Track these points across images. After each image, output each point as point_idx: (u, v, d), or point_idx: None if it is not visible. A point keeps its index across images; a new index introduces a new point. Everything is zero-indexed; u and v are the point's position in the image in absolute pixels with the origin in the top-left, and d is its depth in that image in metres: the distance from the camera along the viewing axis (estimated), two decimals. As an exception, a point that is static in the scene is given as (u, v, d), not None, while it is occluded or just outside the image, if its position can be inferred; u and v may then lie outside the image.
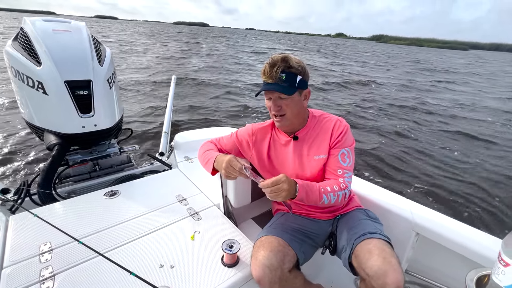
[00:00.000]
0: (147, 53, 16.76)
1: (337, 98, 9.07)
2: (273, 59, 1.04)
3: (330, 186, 1.04)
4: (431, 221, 1.27)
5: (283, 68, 1.03)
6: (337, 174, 1.10)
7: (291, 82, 1.04)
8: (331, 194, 1.02)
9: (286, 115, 1.10)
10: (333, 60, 22.09)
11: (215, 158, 1.11)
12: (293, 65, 1.04)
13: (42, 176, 1.56)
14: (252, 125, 1.30)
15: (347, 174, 1.11)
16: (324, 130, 1.16)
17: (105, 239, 1.13)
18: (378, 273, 0.87)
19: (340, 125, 1.15)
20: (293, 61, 1.05)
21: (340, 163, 1.11)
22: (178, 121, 5.62)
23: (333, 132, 1.14)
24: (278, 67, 1.02)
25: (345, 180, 1.09)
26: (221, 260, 1.05)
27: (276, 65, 1.03)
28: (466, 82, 15.69)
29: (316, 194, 1.00)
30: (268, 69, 1.04)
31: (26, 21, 1.68)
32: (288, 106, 1.08)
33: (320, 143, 1.16)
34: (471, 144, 5.64)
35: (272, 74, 1.03)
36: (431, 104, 9.03)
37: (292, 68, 1.04)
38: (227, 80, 10.55)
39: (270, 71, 1.03)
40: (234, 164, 1.00)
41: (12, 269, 0.96)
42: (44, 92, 1.57)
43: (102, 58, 1.83)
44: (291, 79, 1.04)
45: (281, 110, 1.08)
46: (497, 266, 0.63)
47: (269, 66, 1.04)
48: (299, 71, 1.06)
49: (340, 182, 1.07)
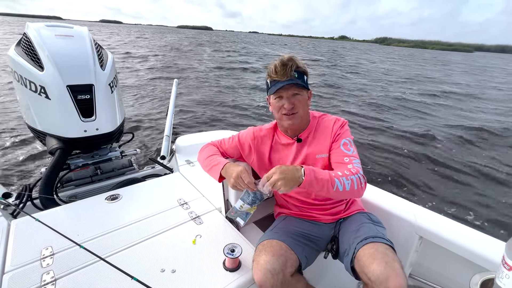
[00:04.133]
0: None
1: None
2: (283, 58, 1.08)
3: (340, 171, 0.98)
4: (435, 225, 1.26)
5: (295, 66, 1.06)
6: (344, 162, 1.07)
7: (302, 80, 1.09)
8: (343, 178, 0.95)
9: (299, 113, 1.11)
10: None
11: (224, 166, 1.11)
12: (300, 65, 1.09)
13: (43, 181, 1.56)
14: (253, 128, 1.30)
15: (355, 160, 1.06)
16: (324, 128, 1.19)
17: (107, 244, 1.13)
18: (381, 278, 0.86)
19: (338, 122, 1.18)
20: (299, 61, 1.09)
21: (344, 152, 1.10)
22: (179, 124, 5.64)
23: (333, 129, 1.16)
24: (291, 65, 1.05)
25: (355, 166, 1.03)
26: (223, 265, 1.04)
27: (287, 64, 1.06)
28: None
29: (327, 177, 0.93)
30: (280, 68, 1.06)
31: (29, 27, 1.70)
32: (300, 103, 1.11)
33: (322, 141, 1.17)
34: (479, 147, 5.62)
35: (286, 72, 1.05)
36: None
37: (300, 68, 1.08)
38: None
39: (283, 69, 1.05)
40: (245, 177, 1.01)
41: (14, 273, 0.96)
42: (46, 97, 1.58)
43: (104, 62, 1.84)
44: (301, 77, 1.09)
45: (294, 108, 1.10)
46: (501, 270, 0.63)
47: (281, 65, 1.06)
48: (305, 71, 1.11)
49: (349, 168, 1.02)
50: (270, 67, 1.10)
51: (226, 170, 1.09)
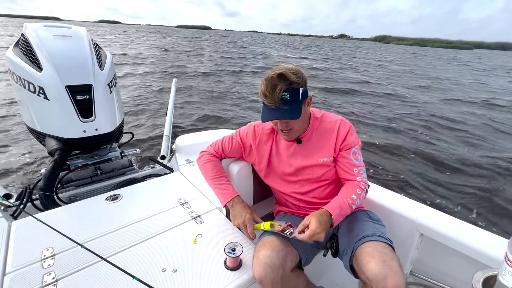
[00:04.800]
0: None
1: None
2: (271, 79, 0.96)
3: (354, 194, 1.07)
4: (436, 222, 1.25)
5: (285, 87, 0.96)
6: (353, 173, 1.13)
7: (295, 98, 0.99)
8: (357, 200, 1.07)
9: (294, 128, 1.09)
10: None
11: (232, 200, 1.18)
12: (293, 80, 0.97)
13: (44, 181, 1.56)
14: (254, 125, 1.28)
15: (362, 170, 1.14)
16: (328, 131, 1.16)
17: (107, 244, 1.13)
18: (378, 277, 0.86)
19: (344, 126, 1.15)
20: (292, 76, 0.96)
21: (353, 162, 1.13)
22: (179, 123, 5.64)
23: (338, 134, 1.14)
24: (280, 88, 0.95)
25: (363, 178, 1.13)
26: (224, 264, 1.04)
27: (276, 86, 0.95)
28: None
29: (348, 211, 1.05)
30: (269, 92, 0.96)
31: (27, 27, 1.70)
32: (295, 122, 1.07)
33: (325, 145, 1.15)
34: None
35: (275, 97, 0.95)
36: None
37: (293, 84, 0.97)
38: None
39: (271, 94, 0.95)
40: (249, 227, 1.10)
41: (15, 274, 0.95)
42: (45, 97, 1.58)
43: (103, 62, 1.84)
44: (295, 95, 0.98)
45: (289, 126, 1.08)
46: (503, 267, 0.62)
47: (269, 88, 0.95)
48: (299, 83, 0.99)
49: (359, 182, 1.11)
50: (260, 86, 1.00)
51: (234, 207, 1.16)
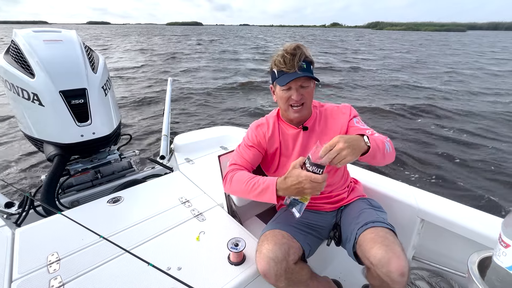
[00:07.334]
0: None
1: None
2: (290, 48, 1.03)
3: (380, 140, 1.01)
4: (435, 206, 1.28)
5: (303, 57, 1.03)
6: (368, 135, 1.03)
7: (310, 70, 1.06)
8: (387, 144, 1.02)
9: (306, 103, 1.11)
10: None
11: (276, 185, 0.95)
12: (308, 54, 1.06)
13: (44, 188, 1.56)
14: (256, 125, 1.25)
15: (375, 133, 1.10)
16: (331, 117, 1.20)
17: (111, 246, 1.14)
18: (382, 262, 0.88)
19: (345, 106, 1.21)
20: (307, 50, 1.06)
21: (362, 128, 1.13)
22: (176, 123, 5.63)
23: (344, 114, 1.18)
24: (299, 55, 1.02)
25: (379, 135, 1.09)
26: (228, 259, 1.06)
27: (296, 54, 1.02)
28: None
29: (379, 139, 1.00)
30: (288, 58, 1.02)
31: (17, 34, 1.68)
32: (309, 94, 1.10)
33: (332, 130, 1.18)
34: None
35: (294, 63, 1.02)
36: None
37: (308, 58, 1.06)
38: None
39: (291, 60, 1.02)
40: (315, 178, 0.84)
41: (22, 281, 0.97)
42: (40, 104, 1.57)
43: (96, 65, 1.82)
44: (309, 67, 1.06)
45: (302, 99, 1.08)
46: (498, 248, 0.64)
47: (289, 55, 1.02)
48: (312, 60, 1.08)
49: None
50: (276, 58, 1.06)
51: (286, 182, 0.91)
